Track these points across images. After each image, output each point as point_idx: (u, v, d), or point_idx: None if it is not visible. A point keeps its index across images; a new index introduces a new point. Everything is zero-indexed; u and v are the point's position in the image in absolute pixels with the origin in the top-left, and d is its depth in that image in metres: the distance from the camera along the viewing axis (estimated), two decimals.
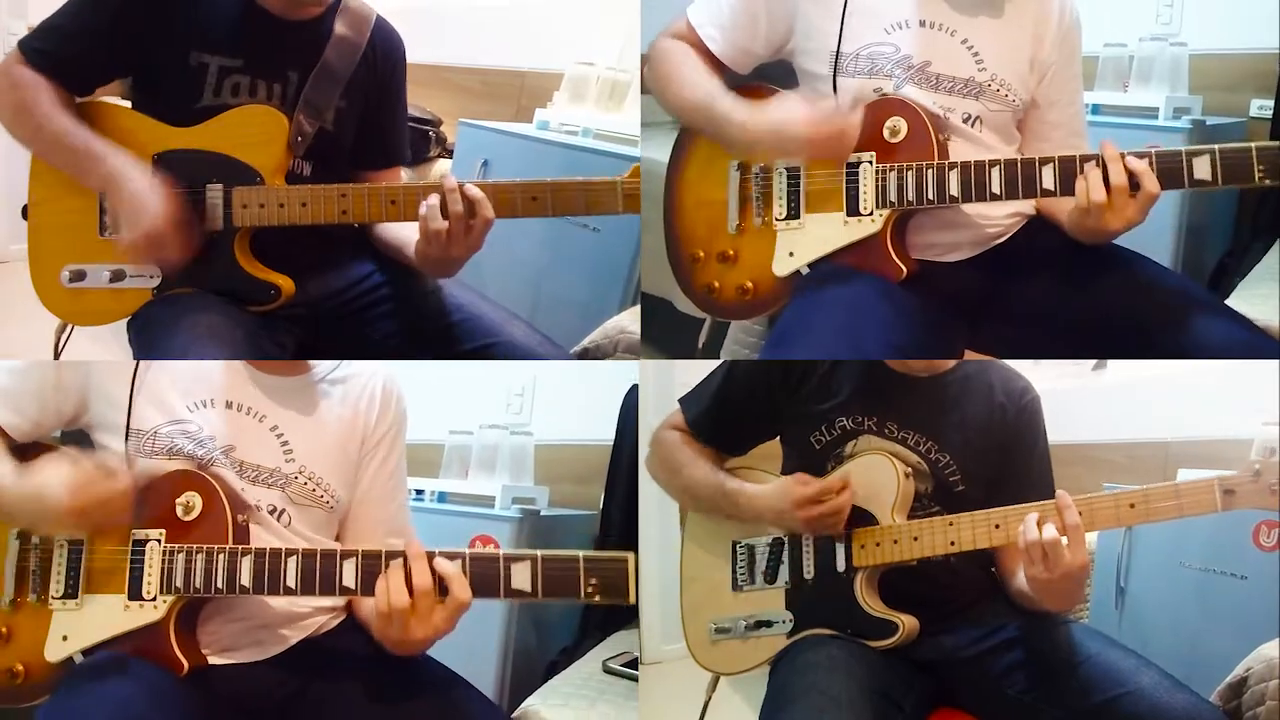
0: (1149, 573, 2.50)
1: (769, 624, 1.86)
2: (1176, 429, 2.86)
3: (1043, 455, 1.90)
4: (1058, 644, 1.74)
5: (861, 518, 1.79)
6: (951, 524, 1.74)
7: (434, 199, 1.79)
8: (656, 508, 2.00)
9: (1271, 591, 2.21)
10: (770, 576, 1.87)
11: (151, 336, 1.82)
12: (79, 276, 1.89)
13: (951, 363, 1.88)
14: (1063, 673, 1.69)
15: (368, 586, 1.57)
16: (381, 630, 1.57)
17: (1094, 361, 3.17)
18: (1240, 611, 2.29)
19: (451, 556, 1.55)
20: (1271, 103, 2.70)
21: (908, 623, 1.76)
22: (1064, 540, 1.60)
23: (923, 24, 1.85)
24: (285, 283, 1.89)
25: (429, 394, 2.14)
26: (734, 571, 1.91)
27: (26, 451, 1.66)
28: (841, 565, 1.80)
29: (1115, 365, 3.15)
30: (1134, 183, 1.69)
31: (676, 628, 1.99)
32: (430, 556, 1.55)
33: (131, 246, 1.81)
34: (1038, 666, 1.73)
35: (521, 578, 1.55)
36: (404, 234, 2.00)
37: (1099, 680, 1.66)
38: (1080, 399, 3.10)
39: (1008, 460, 1.86)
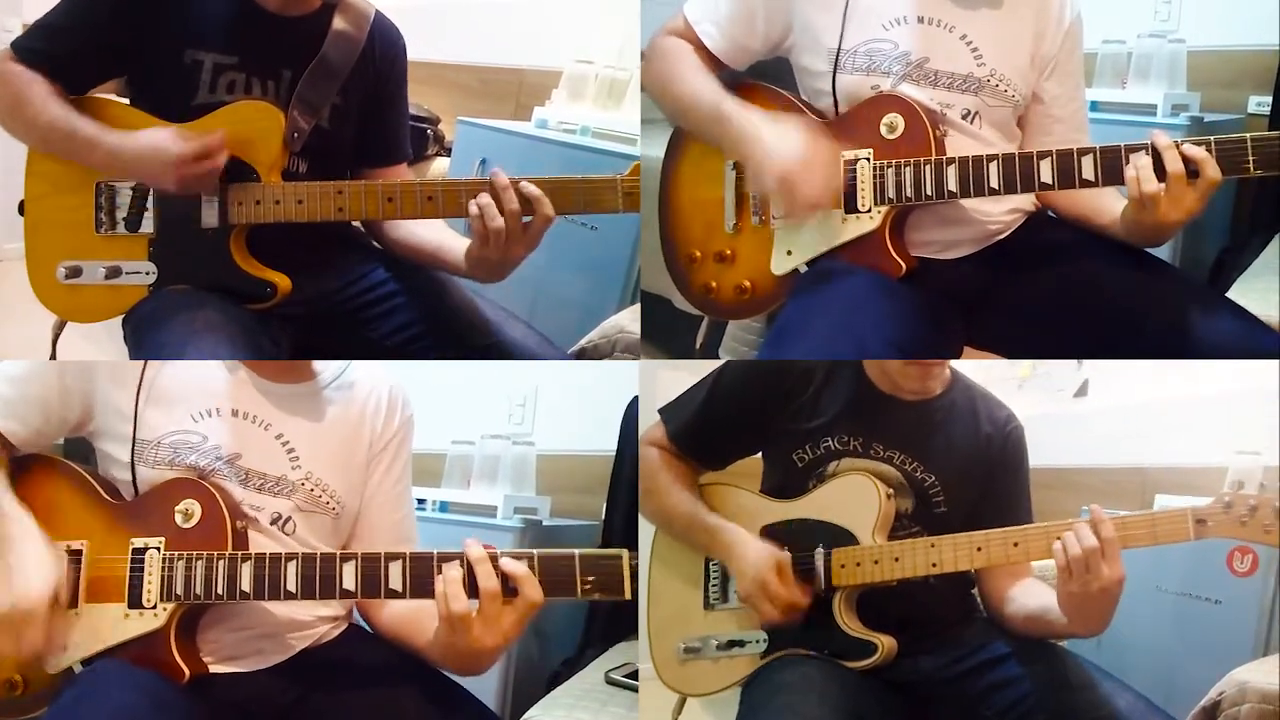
0: (1126, 596, 2.47)
1: (741, 644, 1.83)
2: (1154, 456, 2.87)
3: (1023, 484, 1.90)
4: (1035, 666, 1.73)
5: (842, 537, 1.78)
6: (933, 545, 1.73)
7: (485, 198, 1.77)
8: None
9: (1245, 616, 2.26)
10: None
11: (146, 333, 1.81)
12: (75, 273, 1.89)
13: (939, 389, 1.87)
14: (1040, 694, 1.69)
15: (368, 589, 1.57)
16: (447, 640, 1.54)
17: (1075, 387, 3.19)
18: (1215, 636, 2.33)
19: (447, 558, 1.54)
20: (1269, 99, 2.71)
21: (886, 643, 1.75)
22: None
23: (921, 20, 1.84)
24: (282, 281, 1.88)
25: (431, 403, 2.13)
26: (706, 589, 1.88)
27: (27, 464, 1.66)
28: (820, 585, 1.77)
29: (1095, 391, 3.19)
30: (1191, 170, 1.65)
31: None
32: (494, 558, 1.52)
33: (174, 190, 1.83)
34: (1016, 688, 1.72)
35: (530, 587, 1.53)
36: (435, 236, 1.99)
37: (1075, 703, 1.66)
38: (1060, 424, 3.13)
39: (990, 487, 1.86)
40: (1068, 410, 3.19)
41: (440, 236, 2.00)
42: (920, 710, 1.79)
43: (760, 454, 1.95)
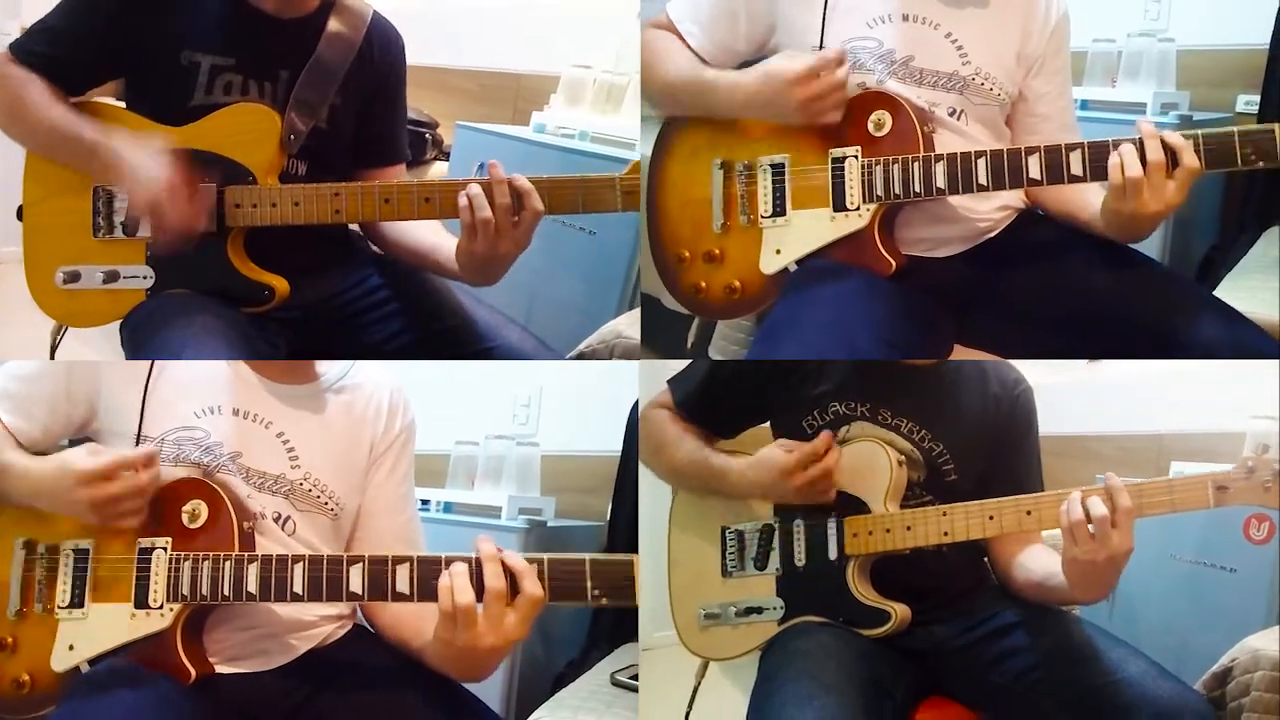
0: (1140, 565, 2.46)
1: (759, 610, 1.85)
2: (1169, 422, 2.87)
3: (1033, 447, 1.90)
4: (1046, 633, 1.74)
5: (854, 505, 1.80)
6: (945, 514, 1.74)
7: (475, 188, 1.77)
8: (658, 503, 2.01)
9: (1261, 584, 2.24)
10: (760, 563, 1.86)
11: (144, 336, 1.82)
12: (73, 278, 1.90)
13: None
14: (1051, 661, 1.70)
15: (375, 592, 1.57)
16: (446, 639, 1.52)
17: None
18: (1230, 604, 2.32)
19: (455, 561, 1.54)
20: (1258, 98, 2.71)
21: (900, 611, 1.76)
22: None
23: (905, 18, 1.84)
24: (280, 284, 1.89)
25: (435, 404, 2.14)
26: (723, 557, 1.90)
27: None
28: (834, 553, 1.80)
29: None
30: (1173, 160, 1.66)
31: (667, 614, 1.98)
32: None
33: (151, 224, 1.83)
34: (1027, 655, 1.73)
35: (530, 582, 1.53)
36: (431, 238, 1.99)
37: (1087, 668, 1.66)
38: (1074, 391, 3.11)
39: (1000, 452, 1.87)
40: (1081, 377, 3.18)
41: (436, 238, 2.00)
42: (932, 676, 1.81)
43: (769, 423, 1.96)
